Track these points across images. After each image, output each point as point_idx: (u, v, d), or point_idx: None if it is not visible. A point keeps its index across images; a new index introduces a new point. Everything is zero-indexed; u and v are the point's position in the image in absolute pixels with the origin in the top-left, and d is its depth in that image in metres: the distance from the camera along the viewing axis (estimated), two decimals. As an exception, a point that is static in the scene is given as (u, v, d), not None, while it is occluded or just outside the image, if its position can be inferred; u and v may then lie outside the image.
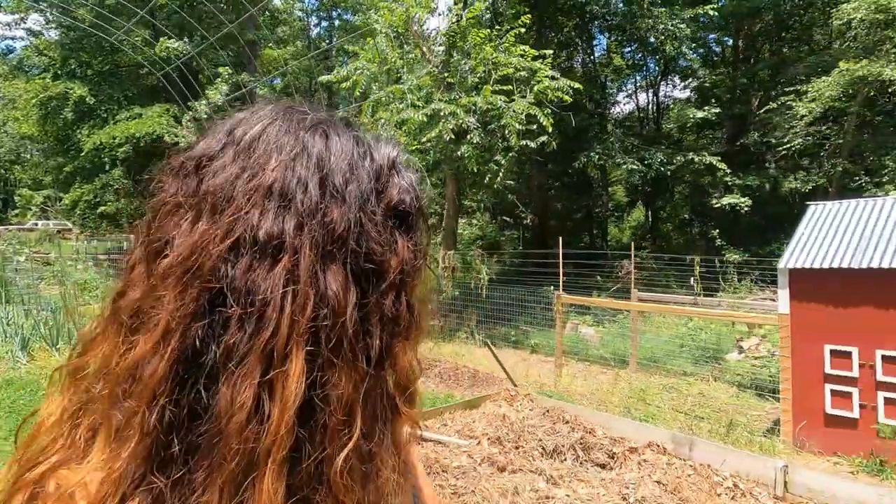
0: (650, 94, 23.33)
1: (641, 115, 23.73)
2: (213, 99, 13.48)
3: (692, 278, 10.53)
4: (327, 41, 30.57)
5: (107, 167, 17.54)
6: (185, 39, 15.91)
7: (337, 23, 30.91)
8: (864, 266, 4.22)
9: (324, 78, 10.53)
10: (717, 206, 13.44)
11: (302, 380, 0.36)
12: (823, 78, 10.60)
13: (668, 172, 14.28)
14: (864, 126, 11.92)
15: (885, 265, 4.13)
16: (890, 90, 10.38)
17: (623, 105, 24.06)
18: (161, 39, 14.34)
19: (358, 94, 9.65)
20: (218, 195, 0.40)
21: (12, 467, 0.40)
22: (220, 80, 13.76)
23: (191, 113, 14.11)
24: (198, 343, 0.37)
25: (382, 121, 9.31)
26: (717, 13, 13.64)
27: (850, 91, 10.64)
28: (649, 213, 21.35)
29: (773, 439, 4.65)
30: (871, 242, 4.38)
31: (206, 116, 13.14)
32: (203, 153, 0.44)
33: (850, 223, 4.70)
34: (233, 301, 0.37)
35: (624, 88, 23.26)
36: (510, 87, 8.78)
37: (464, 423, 3.89)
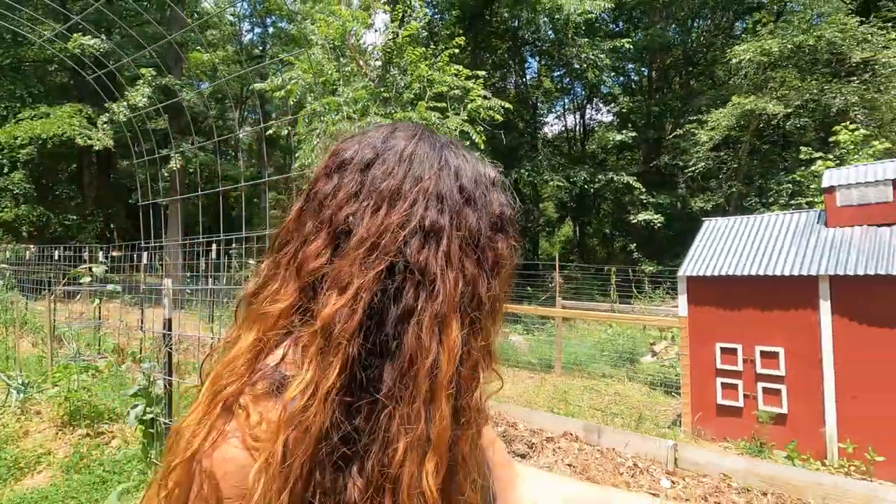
0: (577, 117, 24.82)
1: (569, 135, 25.16)
2: (133, 101, 12.75)
3: (610, 287, 11.33)
4: (260, 48, 29.81)
5: (5, 169, 15.95)
6: (103, 37, 14.94)
7: (271, 30, 30.25)
8: (745, 273, 4.85)
9: (257, 86, 10.34)
10: (634, 221, 14.56)
11: (459, 337, 0.50)
12: (721, 109, 11.92)
13: (592, 190, 15.30)
14: (754, 153, 13.49)
15: (761, 272, 4.77)
16: (773, 122, 11.86)
17: (552, 126, 25.37)
18: (75, 35, 13.40)
19: (292, 102, 9.58)
20: (393, 192, 0.53)
21: (212, 386, 0.50)
22: (141, 81, 13.05)
23: (108, 115, 13.24)
24: (378, 301, 0.49)
25: (318, 131, 9.30)
26: (632, 46, 14.91)
27: (743, 122, 12.04)
28: (577, 228, 22.61)
29: (676, 430, 5.16)
30: (752, 253, 5.04)
31: (124, 119, 12.41)
32: (361, 157, 0.57)
33: (737, 236, 5.37)
34: (410, 272, 0.50)
35: (553, 110, 24.60)
36: (444, 104, 9.11)
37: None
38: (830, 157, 9.41)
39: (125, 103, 12.65)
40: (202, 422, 0.47)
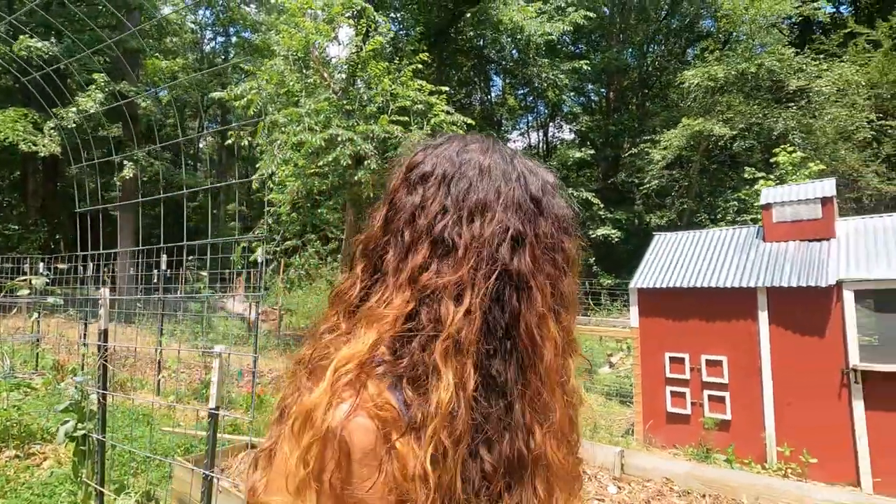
0: (540, 134, 25.50)
1: (532, 152, 25.77)
2: (84, 107, 12.27)
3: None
4: (223, 57, 29.30)
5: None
6: (53, 40, 14.35)
7: (234, 39, 29.79)
8: (691, 285, 5.07)
9: (216, 94, 10.15)
10: (593, 236, 14.99)
11: (556, 331, 0.58)
12: (672, 130, 12.52)
13: (553, 205, 15.64)
14: (704, 172, 14.20)
15: (706, 284, 5.00)
16: (721, 143, 12.53)
17: (515, 142, 25.97)
18: (21, 37, 12.81)
19: (252, 112, 9.45)
20: (482, 204, 0.59)
21: (334, 372, 0.54)
22: (93, 87, 12.58)
23: (55, 120, 12.67)
24: (489, 306, 0.55)
25: (279, 142, 9.19)
26: (590, 68, 15.52)
27: (693, 143, 12.68)
28: (539, 242, 22.98)
29: (628, 438, 5.30)
30: (698, 266, 5.29)
31: (74, 125, 11.91)
32: (441, 171, 0.61)
33: (684, 250, 5.62)
34: (509, 278, 0.56)
35: (518, 127, 25.20)
36: (407, 118, 9.19)
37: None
38: (772, 177, 10.01)
39: (74, 108, 12.15)
40: (332, 401, 0.52)
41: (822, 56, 12.46)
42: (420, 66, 9.82)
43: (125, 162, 13.77)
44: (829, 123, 11.39)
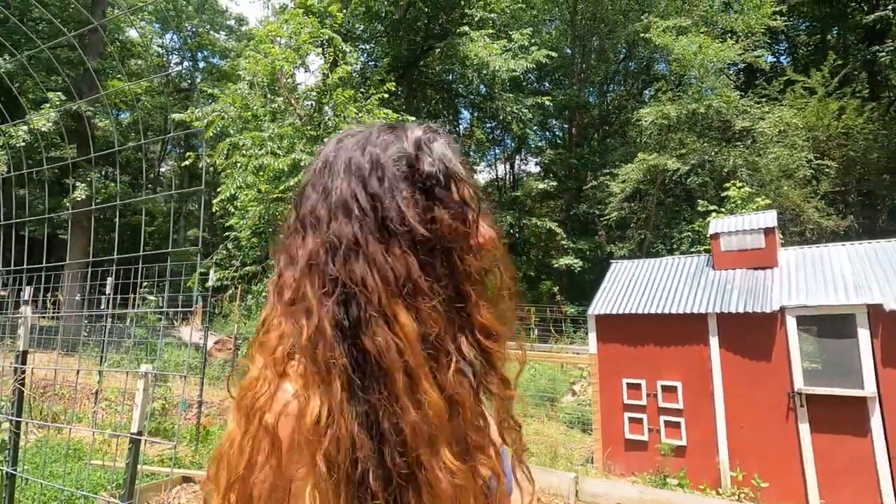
0: (507, 166, 26.11)
1: (499, 183, 26.31)
2: (36, 125, 11.81)
3: (531, 328, 11.65)
4: (189, 81, 28.99)
5: None
6: (6, 56, 13.88)
7: (202, 64, 29.62)
8: (646, 311, 5.18)
9: (177, 116, 9.97)
10: (556, 265, 15.25)
11: (411, 323, 0.52)
12: (630, 165, 13.06)
13: (517, 235, 15.94)
14: (661, 204, 14.79)
15: (660, 311, 5.12)
16: (675, 178, 13.12)
17: (481, 173, 26.47)
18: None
19: (211, 135, 9.32)
20: (311, 217, 0.58)
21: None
22: (48, 105, 12.16)
23: (3, 138, 12.11)
24: (333, 317, 0.53)
25: (239, 165, 9.05)
26: (553, 104, 16.13)
27: (650, 177, 13.23)
28: (504, 271, 23.20)
29: (587, 467, 5.26)
30: (652, 293, 5.42)
31: (23, 144, 11.42)
32: (297, 192, 0.63)
33: (640, 278, 5.76)
34: (343, 285, 0.53)
35: (485, 159, 25.77)
36: (373, 145, 9.25)
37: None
38: (723, 210, 10.51)
39: (26, 126, 11.68)
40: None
41: (764, 100, 13.38)
42: (386, 95, 9.97)
43: (77, 183, 13.24)
44: (772, 162, 12.13)
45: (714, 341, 4.81)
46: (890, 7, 16.23)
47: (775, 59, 19.91)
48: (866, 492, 4.00)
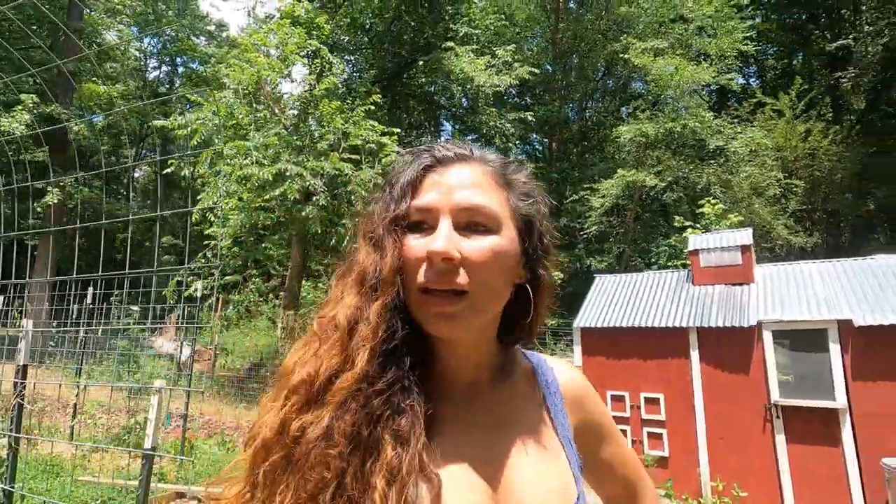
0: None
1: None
2: (8, 128, 11.47)
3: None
4: (167, 86, 28.52)
5: None
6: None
7: (181, 69, 29.20)
8: (629, 325, 5.32)
9: (158, 122, 9.82)
10: (537, 278, 15.40)
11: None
12: (609, 180, 13.38)
13: (499, 247, 16.05)
14: (639, 219, 15.17)
15: (642, 324, 5.26)
16: (653, 194, 13.50)
17: (464, 185, 26.67)
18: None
19: (195, 143, 9.20)
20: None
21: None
22: (20, 108, 11.83)
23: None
24: None
25: (223, 173, 8.95)
26: (535, 119, 16.43)
27: (628, 192, 13.58)
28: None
29: (573, 478, 5.33)
30: (635, 307, 5.57)
31: (-6, 146, 11.06)
32: None
33: (623, 292, 5.91)
34: None
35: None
36: (358, 157, 9.27)
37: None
38: (698, 226, 10.86)
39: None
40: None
41: (736, 120, 13.93)
42: (372, 106, 10.03)
43: (48, 188, 12.85)
44: (744, 180, 12.61)
45: (695, 354, 4.96)
46: (851, 36, 17.17)
47: (745, 82, 20.78)
48: (839, 500, 4.17)
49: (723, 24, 13.92)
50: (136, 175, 31.43)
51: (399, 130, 10.75)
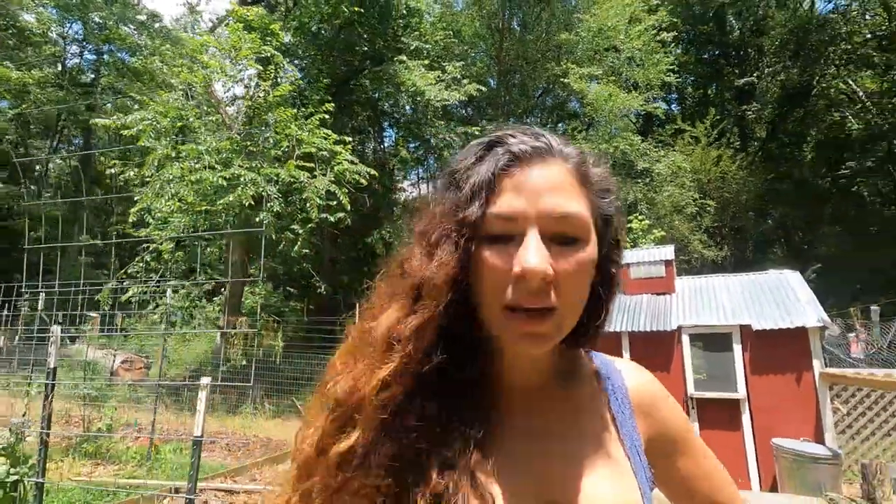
0: (429, 186, 26.93)
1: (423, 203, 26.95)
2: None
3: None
4: (91, 75, 26.60)
5: None
6: None
7: (107, 58, 27.31)
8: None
9: (100, 121, 9.37)
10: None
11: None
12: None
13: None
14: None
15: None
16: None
17: (407, 192, 27.04)
18: None
19: (142, 144, 8.92)
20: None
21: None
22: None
23: None
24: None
25: (170, 176, 8.74)
26: (480, 132, 17.19)
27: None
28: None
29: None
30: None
31: None
32: None
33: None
34: None
35: (408, 178, 26.37)
36: (312, 164, 9.39)
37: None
38: (627, 240, 11.93)
39: None
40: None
41: (660, 145, 15.40)
42: (326, 115, 10.17)
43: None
44: (666, 199, 13.98)
45: (626, 355, 5.65)
46: (755, 74, 19.49)
47: (667, 108, 22.89)
48: (740, 476, 4.97)
49: (649, 56, 15.37)
50: (50, 166, 28.90)
51: (351, 139, 10.95)
